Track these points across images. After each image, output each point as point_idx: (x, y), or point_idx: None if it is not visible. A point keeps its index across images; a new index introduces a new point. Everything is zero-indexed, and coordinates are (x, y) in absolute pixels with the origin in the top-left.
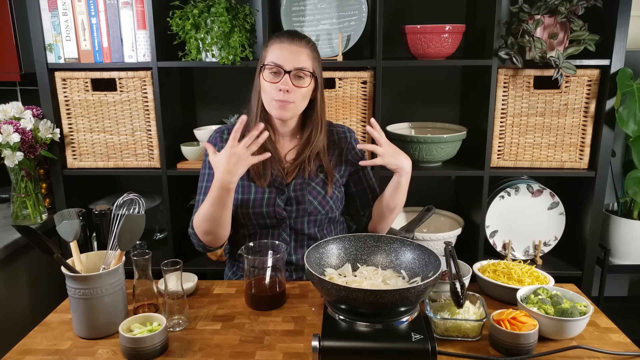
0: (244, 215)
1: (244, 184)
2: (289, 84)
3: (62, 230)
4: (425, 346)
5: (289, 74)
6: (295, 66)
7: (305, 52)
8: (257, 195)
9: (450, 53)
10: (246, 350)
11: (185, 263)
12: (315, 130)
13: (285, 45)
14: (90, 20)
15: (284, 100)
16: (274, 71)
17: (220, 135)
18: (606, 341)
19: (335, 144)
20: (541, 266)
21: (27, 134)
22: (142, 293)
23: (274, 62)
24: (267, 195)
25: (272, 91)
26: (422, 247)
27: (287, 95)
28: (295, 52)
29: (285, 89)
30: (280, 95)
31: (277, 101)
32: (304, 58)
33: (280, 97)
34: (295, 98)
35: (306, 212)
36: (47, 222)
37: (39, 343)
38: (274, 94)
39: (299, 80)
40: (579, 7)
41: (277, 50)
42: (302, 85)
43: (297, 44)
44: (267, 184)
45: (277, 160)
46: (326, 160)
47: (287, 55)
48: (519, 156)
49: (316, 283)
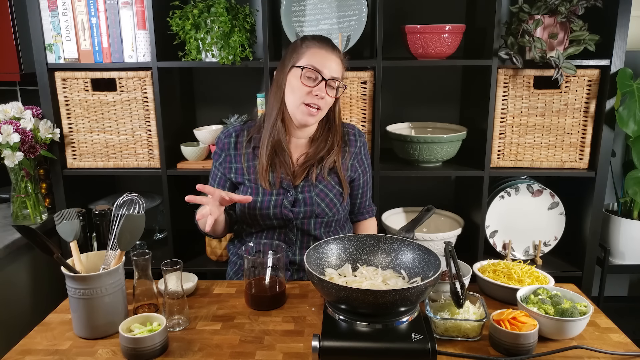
0: (251, 216)
1: (252, 186)
2: (324, 91)
3: (62, 230)
4: (425, 346)
5: (326, 81)
6: (332, 75)
7: (340, 64)
8: (264, 197)
9: (450, 53)
10: (246, 350)
11: (185, 263)
12: (334, 135)
13: (326, 53)
14: (90, 20)
15: (316, 105)
16: (311, 76)
17: (229, 141)
18: (606, 341)
19: (345, 144)
20: (541, 266)
21: (27, 134)
22: (142, 293)
23: (314, 67)
24: (275, 197)
25: (304, 95)
26: (422, 247)
27: (319, 102)
28: (335, 61)
29: (321, 95)
30: (315, 100)
31: (307, 106)
32: (340, 68)
33: (314, 102)
34: (324, 105)
35: (313, 213)
36: (47, 222)
37: (39, 343)
38: (306, 98)
39: (331, 89)
40: (579, 7)
41: (317, 56)
42: (333, 95)
43: (336, 53)
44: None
45: (287, 163)
46: (339, 163)
47: (327, 63)
48: (519, 156)
49: (316, 283)
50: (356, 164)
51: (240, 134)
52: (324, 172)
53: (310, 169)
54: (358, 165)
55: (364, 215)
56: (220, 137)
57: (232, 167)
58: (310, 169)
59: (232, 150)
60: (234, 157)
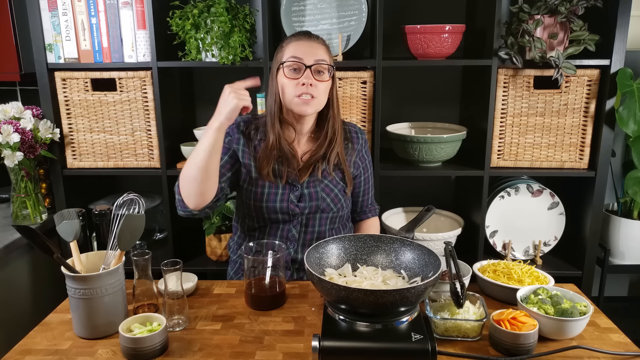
0: (256, 208)
1: (259, 179)
2: (311, 78)
3: (62, 230)
4: (425, 346)
5: (310, 68)
6: (315, 59)
7: (322, 48)
8: (271, 190)
9: (450, 53)
10: (246, 350)
11: (185, 263)
12: (333, 130)
13: (302, 42)
14: (90, 20)
15: (307, 93)
16: (294, 67)
17: (236, 126)
18: (606, 341)
19: (348, 141)
20: (541, 266)
21: (27, 134)
22: (142, 293)
23: (294, 57)
24: (281, 190)
25: (294, 88)
26: (422, 247)
27: (310, 89)
28: (314, 46)
29: (308, 82)
30: (303, 89)
31: (300, 97)
32: (322, 52)
33: (304, 91)
34: (317, 93)
35: (319, 208)
36: (47, 222)
37: (39, 343)
38: (296, 90)
39: (319, 74)
40: (579, 7)
41: (295, 47)
42: (323, 79)
43: (314, 40)
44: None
45: (293, 160)
46: (343, 158)
47: (306, 50)
48: (519, 156)
49: (316, 283)
50: (358, 161)
51: (249, 125)
52: (329, 168)
53: (316, 165)
54: (360, 162)
55: (367, 214)
56: None
57: (239, 149)
58: (315, 165)
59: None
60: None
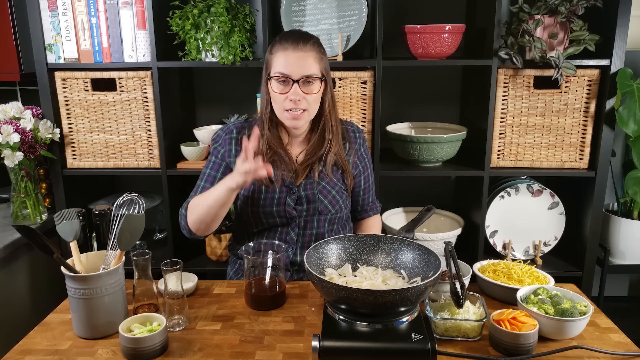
0: (253, 213)
1: (255, 184)
2: (299, 93)
3: (62, 230)
4: (425, 346)
5: (298, 82)
6: (303, 74)
7: (312, 56)
8: (267, 195)
9: (450, 53)
10: (246, 351)
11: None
12: (328, 131)
13: (289, 52)
14: (90, 20)
15: (297, 108)
16: (282, 80)
17: (229, 137)
18: (606, 341)
19: (346, 141)
20: (541, 266)
21: (27, 134)
22: (142, 293)
23: (281, 73)
24: (278, 194)
25: (282, 102)
26: (422, 247)
27: (299, 104)
28: (301, 58)
29: (295, 99)
30: (292, 104)
31: (289, 112)
32: (310, 63)
33: (292, 106)
34: (306, 105)
35: (316, 211)
36: (47, 222)
37: (39, 343)
38: (285, 104)
39: (308, 86)
40: (579, 7)
41: (282, 58)
42: (312, 91)
43: (301, 48)
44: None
45: (288, 162)
46: (343, 158)
47: (293, 62)
48: (519, 156)
49: (316, 283)
50: (357, 160)
51: (242, 130)
52: (327, 170)
53: (312, 167)
54: (359, 162)
55: (368, 212)
56: (220, 134)
57: (233, 162)
58: (312, 167)
59: (233, 146)
60: (234, 152)
